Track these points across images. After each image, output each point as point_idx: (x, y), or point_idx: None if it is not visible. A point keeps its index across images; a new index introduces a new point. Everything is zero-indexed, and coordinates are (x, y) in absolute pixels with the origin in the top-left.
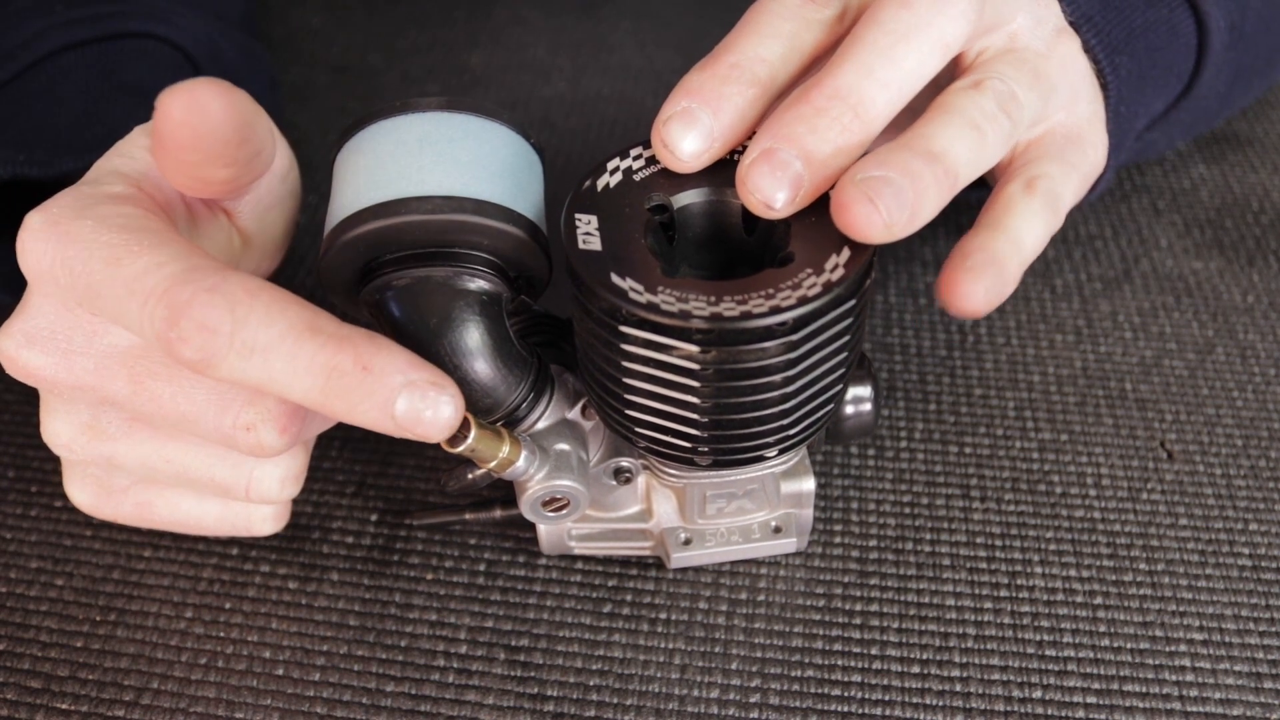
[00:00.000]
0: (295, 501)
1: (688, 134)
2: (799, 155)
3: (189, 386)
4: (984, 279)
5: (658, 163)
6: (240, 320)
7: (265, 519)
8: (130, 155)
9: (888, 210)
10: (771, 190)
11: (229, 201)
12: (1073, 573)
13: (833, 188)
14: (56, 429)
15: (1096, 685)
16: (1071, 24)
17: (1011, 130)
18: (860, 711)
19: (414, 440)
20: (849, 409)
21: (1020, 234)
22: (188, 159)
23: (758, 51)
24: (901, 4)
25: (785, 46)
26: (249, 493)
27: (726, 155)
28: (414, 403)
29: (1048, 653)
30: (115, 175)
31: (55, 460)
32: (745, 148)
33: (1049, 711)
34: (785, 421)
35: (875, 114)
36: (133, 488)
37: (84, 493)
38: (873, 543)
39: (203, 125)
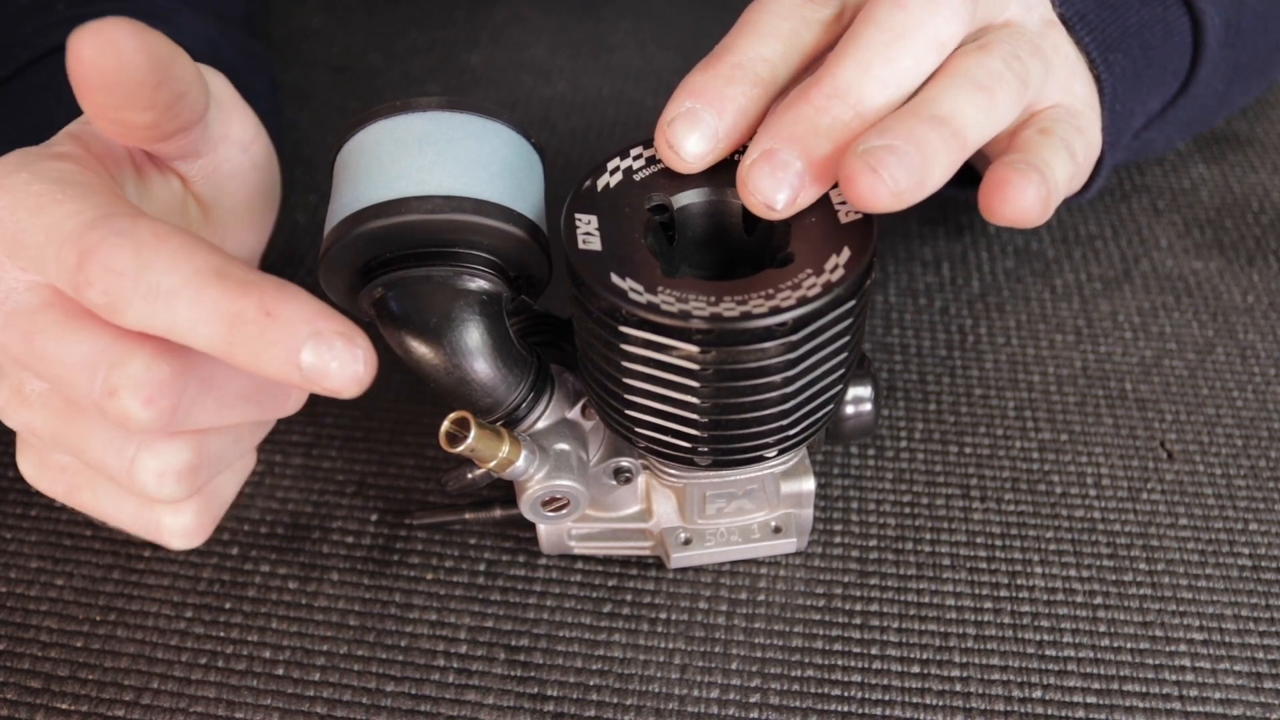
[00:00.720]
0: (295, 501)
1: (692, 135)
2: (800, 155)
3: (67, 346)
4: (1033, 177)
5: (658, 162)
6: (145, 264)
7: (174, 532)
8: (87, 119)
9: (892, 178)
10: (772, 191)
11: (180, 164)
12: (1073, 573)
13: (834, 187)
14: None
15: (1096, 685)
16: (1065, 21)
17: (1020, 89)
18: (860, 711)
19: (326, 394)
20: (849, 409)
21: (1047, 160)
22: (103, 101)
23: (759, 51)
24: (896, 4)
25: (785, 46)
26: (129, 481)
27: (728, 155)
28: (321, 354)
29: (1048, 653)
30: (65, 135)
31: None
32: (746, 148)
33: (1049, 711)
34: (785, 422)
35: (874, 112)
36: (67, 467)
37: (27, 463)
38: (873, 543)
39: (113, 65)
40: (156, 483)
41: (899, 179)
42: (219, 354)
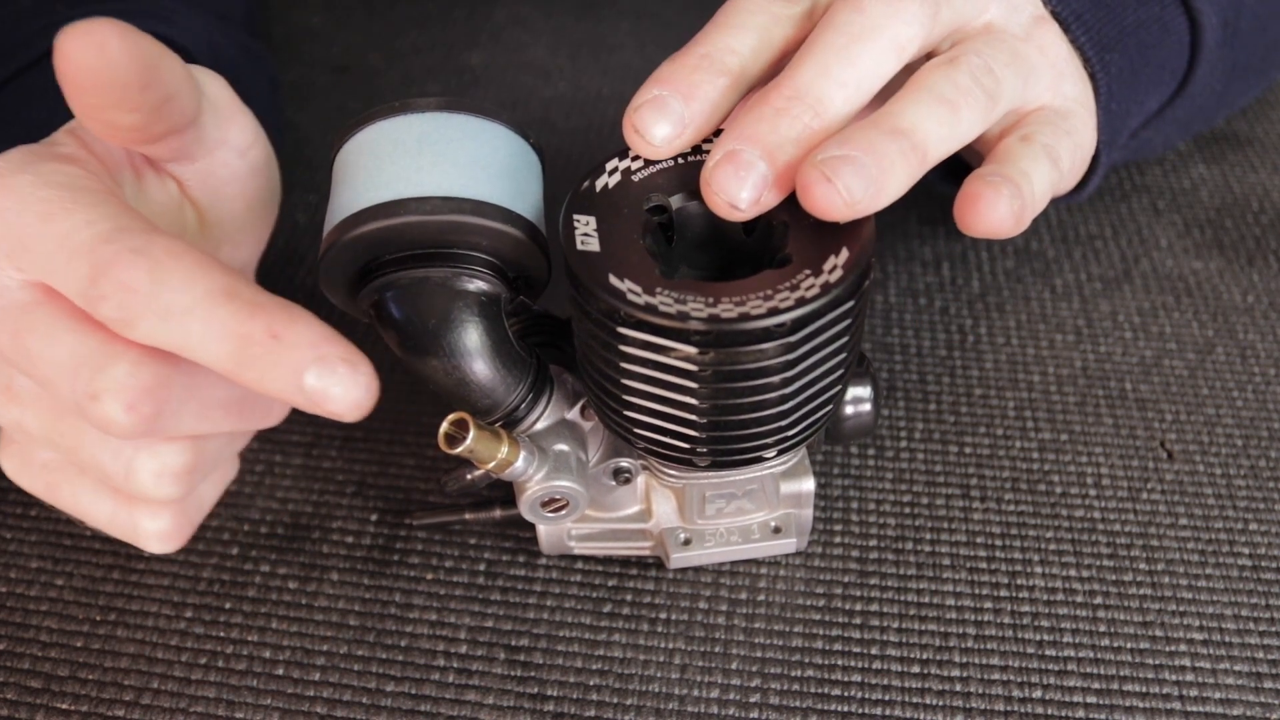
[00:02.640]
0: (295, 501)
1: (659, 120)
2: (762, 155)
3: (54, 347)
4: (1005, 191)
5: (658, 163)
6: (159, 281)
7: (150, 535)
8: None
9: (846, 188)
10: (736, 190)
11: (176, 167)
12: (1073, 573)
13: None
14: None
15: (1096, 685)
16: (1061, 20)
17: (988, 104)
18: (860, 711)
19: (329, 416)
20: (848, 409)
21: (1026, 169)
22: (90, 101)
23: (728, 43)
24: (855, 7)
25: (755, 39)
26: (128, 481)
27: (696, 144)
28: (323, 378)
29: (1048, 653)
30: (67, 134)
31: None
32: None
33: (1049, 711)
34: (784, 423)
35: (834, 112)
36: (48, 464)
37: (10, 460)
38: (873, 543)
39: (99, 65)
40: (154, 483)
41: (853, 189)
42: (227, 373)
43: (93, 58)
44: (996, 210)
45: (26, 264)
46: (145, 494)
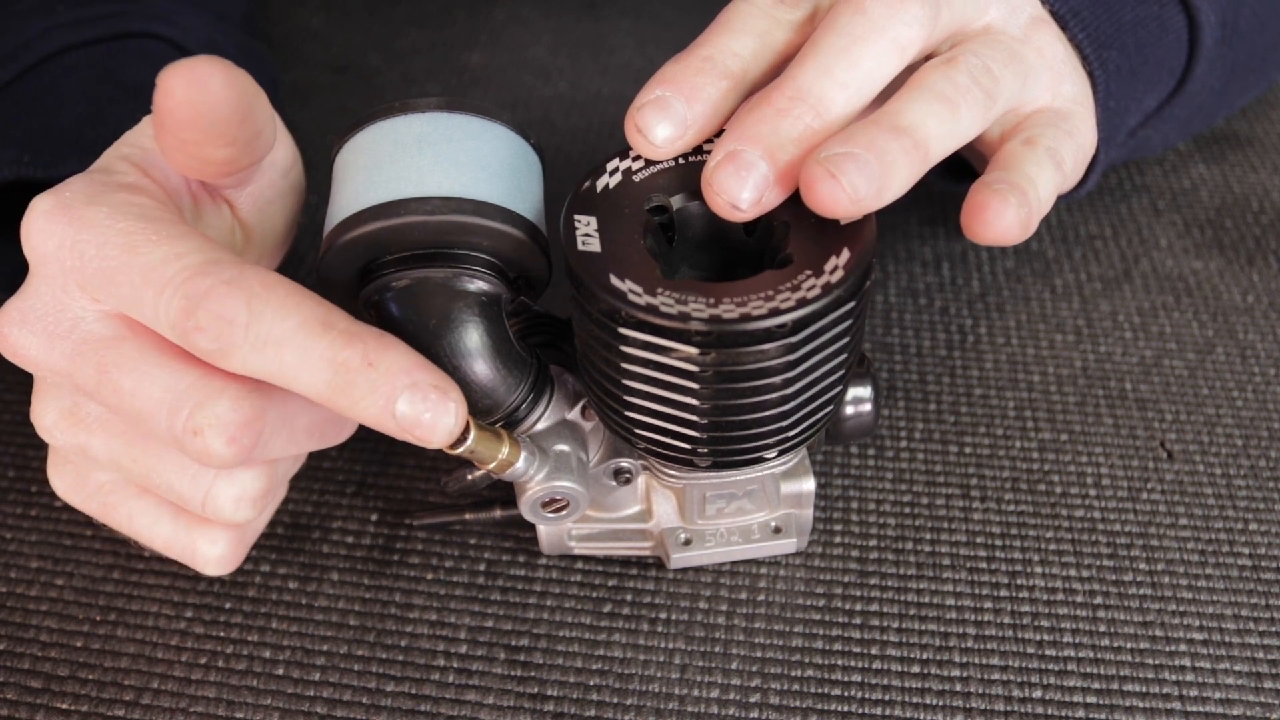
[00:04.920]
0: (295, 501)
1: (661, 120)
2: (763, 155)
3: (147, 382)
4: (1012, 198)
5: (658, 164)
6: (256, 313)
7: (208, 560)
8: (139, 145)
9: (851, 185)
10: (737, 190)
11: (231, 191)
12: (1073, 573)
13: None
14: (42, 410)
15: (1096, 685)
16: (1058, 17)
17: (986, 102)
18: (860, 711)
19: (416, 442)
20: (849, 409)
21: (1032, 174)
22: (188, 137)
23: (730, 46)
24: (857, 9)
25: (757, 43)
26: (204, 507)
27: (697, 145)
28: (415, 404)
29: (1048, 653)
30: (126, 163)
31: None
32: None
33: (1049, 711)
34: (785, 423)
35: (835, 113)
36: (104, 486)
37: (61, 480)
38: (873, 543)
39: (203, 102)
40: (234, 508)
41: (858, 186)
42: (319, 399)
43: (198, 96)
44: (1004, 219)
45: (107, 296)
46: (224, 519)
